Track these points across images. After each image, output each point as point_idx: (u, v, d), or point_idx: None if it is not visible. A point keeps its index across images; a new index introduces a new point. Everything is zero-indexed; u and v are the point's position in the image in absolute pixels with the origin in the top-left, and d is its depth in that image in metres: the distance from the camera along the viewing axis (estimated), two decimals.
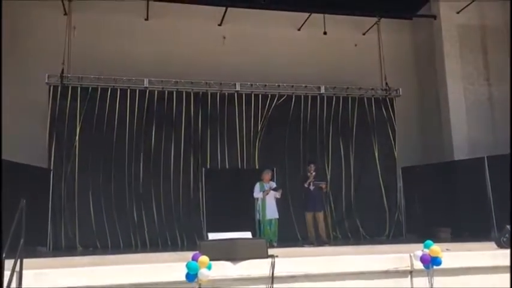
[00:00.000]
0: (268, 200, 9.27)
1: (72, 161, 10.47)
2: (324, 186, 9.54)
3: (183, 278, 4.50)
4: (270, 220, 9.23)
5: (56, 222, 10.12)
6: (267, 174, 9.49)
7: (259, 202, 9.31)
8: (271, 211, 9.24)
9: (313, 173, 9.41)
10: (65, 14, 11.45)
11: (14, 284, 4.20)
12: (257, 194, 9.35)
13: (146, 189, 10.79)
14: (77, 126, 10.60)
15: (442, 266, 4.92)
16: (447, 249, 5.58)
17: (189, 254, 4.84)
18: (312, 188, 9.28)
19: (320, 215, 9.31)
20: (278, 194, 9.30)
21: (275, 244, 8.78)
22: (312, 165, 9.55)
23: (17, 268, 4.22)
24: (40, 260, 6.16)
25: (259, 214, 9.28)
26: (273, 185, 9.47)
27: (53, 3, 11.42)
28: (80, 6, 11.44)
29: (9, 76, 10.92)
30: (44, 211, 9.84)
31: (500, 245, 6.02)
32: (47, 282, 4.44)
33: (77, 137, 10.57)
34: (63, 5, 11.38)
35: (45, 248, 9.72)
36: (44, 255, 8.54)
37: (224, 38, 12.59)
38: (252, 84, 11.76)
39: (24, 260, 4.32)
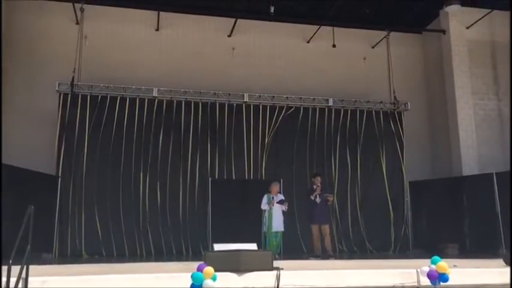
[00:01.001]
0: (275, 213, 9.20)
1: (80, 169, 10.52)
2: (330, 198, 9.51)
3: None
4: (276, 232, 9.16)
5: (62, 229, 10.14)
6: (274, 186, 9.43)
7: (266, 214, 9.25)
8: (277, 223, 9.17)
9: (320, 186, 9.38)
10: (77, 23, 11.59)
11: None
12: (264, 205, 9.30)
13: (153, 198, 10.81)
14: (85, 134, 10.67)
15: (449, 283, 4.86)
16: (454, 266, 5.52)
17: (194, 265, 4.83)
18: (318, 200, 9.24)
19: (326, 228, 9.26)
20: (285, 207, 9.22)
21: (277, 256, 8.72)
22: (318, 178, 9.50)
23: (23, 275, 4.23)
24: (45, 267, 6.16)
25: (265, 226, 9.22)
26: (280, 197, 9.41)
27: (66, 12, 11.59)
28: (91, 15, 11.57)
29: (20, 83, 11.09)
30: (50, 218, 9.87)
31: (508, 263, 5.94)
32: None
33: (86, 145, 10.63)
34: (75, 14, 11.52)
35: (50, 254, 9.73)
36: (49, 262, 8.56)
37: (233, 49, 12.67)
38: (260, 96, 11.81)
39: (30, 267, 4.33)
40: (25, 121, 10.81)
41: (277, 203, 9.19)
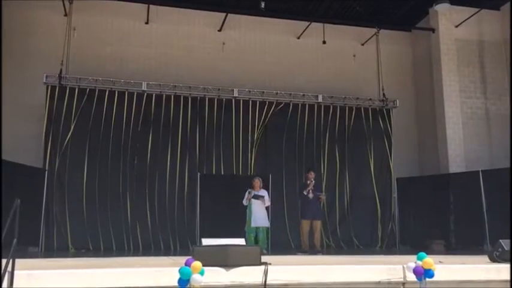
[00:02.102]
0: (255, 208, 9.09)
1: (67, 162, 10.44)
2: (322, 197, 9.48)
3: (175, 283, 4.47)
4: (258, 228, 9.03)
5: (48, 223, 10.07)
6: (256, 182, 9.31)
7: (248, 209, 9.16)
8: (258, 219, 9.04)
9: (313, 181, 9.39)
10: (65, 15, 11.46)
11: (5, 284, 4.17)
12: (244, 200, 9.19)
13: (141, 193, 10.77)
14: (73, 128, 10.58)
15: (434, 279, 4.91)
16: (440, 262, 5.58)
17: (182, 259, 4.81)
18: (311, 195, 9.25)
19: (318, 224, 9.31)
20: (265, 203, 9.13)
21: (265, 252, 8.72)
22: (312, 172, 9.52)
23: (9, 268, 4.19)
24: (32, 261, 6.11)
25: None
26: (262, 192, 9.27)
27: (54, 4, 11.44)
28: (80, 7, 11.45)
29: (7, 75, 10.93)
30: (37, 211, 9.78)
31: (493, 259, 6.03)
32: (39, 283, 4.41)
33: (73, 138, 10.54)
34: (64, 6, 11.39)
35: (37, 248, 9.66)
36: (35, 255, 8.49)
37: (223, 44, 12.63)
38: (249, 91, 11.80)
39: (16, 260, 4.29)
40: (12, 113, 10.67)
41: (252, 198, 9.06)
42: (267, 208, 9.26)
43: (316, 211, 9.34)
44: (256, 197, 9.13)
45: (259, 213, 9.11)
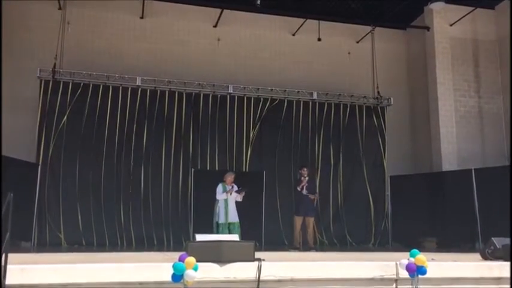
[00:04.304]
0: (230, 203, 8.93)
1: (60, 157, 10.40)
2: (313, 197, 9.34)
3: (169, 279, 4.47)
4: (233, 224, 8.89)
5: (41, 218, 10.02)
6: (229, 176, 9.12)
7: (222, 204, 8.92)
8: (232, 214, 8.92)
9: (307, 177, 9.39)
10: (60, 8, 11.38)
11: None
12: (220, 195, 8.96)
13: (135, 188, 10.74)
14: (66, 122, 10.53)
15: (427, 275, 4.95)
16: (432, 259, 5.62)
17: (176, 255, 4.82)
18: (305, 192, 9.26)
19: (311, 220, 9.31)
20: (240, 197, 8.98)
21: None
22: (305, 169, 9.49)
23: (2, 262, 4.17)
24: (25, 255, 6.09)
25: (218, 217, 8.89)
26: (236, 187, 9.08)
27: None
28: (75, 1, 11.37)
29: (1, 69, 10.82)
30: (29, 206, 9.73)
31: (485, 257, 6.08)
32: (32, 278, 4.40)
33: (67, 133, 10.49)
34: None
35: (29, 243, 9.61)
36: (28, 250, 8.45)
37: (219, 39, 12.60)
38: (244, 87, 11.79)
39: (9, 255, 4.27)
40: (5, 107, 10.55)
41: (235, 191, 8.93)
42: (237, 203, 9.08)
43: (309, 208, 9.31)
44: (239, 191, 8.96)
45: (233, 208, 8.95)
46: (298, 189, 9.28)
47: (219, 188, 9.02)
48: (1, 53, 9.83)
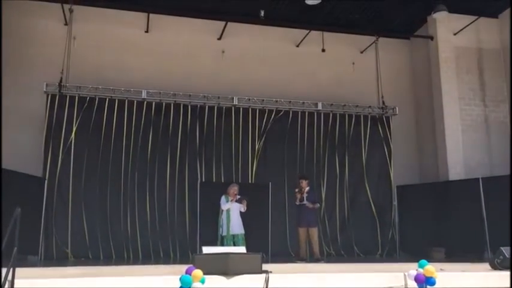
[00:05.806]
0: (233, 214, 8.92)
1: (67, 171, 10.43)
2: (311, 206, 9.22)
3: None
4: (237, 235, 8.87)
5: (48, 231, 10.04)
6: (232, 188, 9.14)
7: (225, 215, 8.95)
8: (236, 226, 8.90)
9: (307, 188, 9.35)
10: (66, 24, 11.51)
11: None
12: (224, 205, 9.00)
13: (141, 201, 10.75)
14: (73, 136, 10.59)
15: (436, 286, 4.91)
16: (441, 269, 5.57)
17: (182, 267, 4.81)
18: (305, 202, 9.23)
19: (314, 231, 9.24)
20: (243, 208, 8.97)
21: None
22: (303, 181, 9.39)
23: (9, 277, 4.18)
24: (32, 270, 6.09)
25: (222, 229, 8.92)
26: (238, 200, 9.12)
27: (54, 13, 11.49)
28: (80, 16, 11.49)
29: (7, 83, 10.94)
30: (36, 220, 9.76)
31: (495, 267, 6.02)
32: None
33: (73, 147, 10.55)
34: (64, 15, 11.44)
35: (36, 257, 9.62)
36: (35, 264, 8.46)
37: (223, 52, 12.67)
38: (249, 99, 11.82)
39: (16, 269, 4.28)
40: (12, 122, 10.67)
41: (236, 201, 8.93)
42: (242, 214, 9.08)
43: (311, 218, 9.24)
44: (240, 200, 8.97)
45: (237, 220, 8.95)
46: (296, 203, 9.26)
47: (223, 199, 9.12)
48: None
